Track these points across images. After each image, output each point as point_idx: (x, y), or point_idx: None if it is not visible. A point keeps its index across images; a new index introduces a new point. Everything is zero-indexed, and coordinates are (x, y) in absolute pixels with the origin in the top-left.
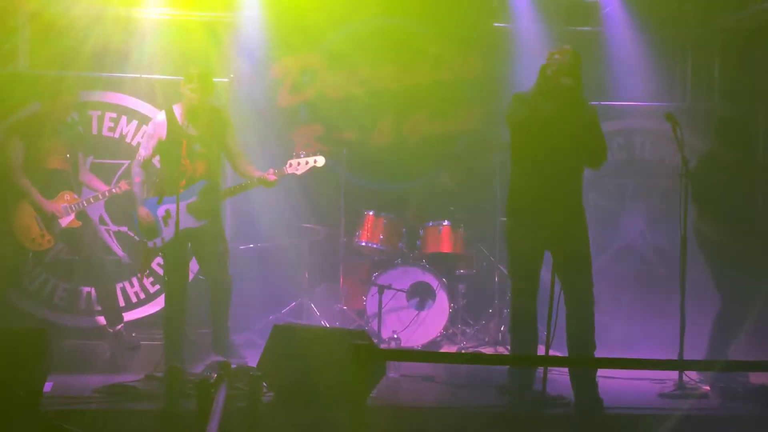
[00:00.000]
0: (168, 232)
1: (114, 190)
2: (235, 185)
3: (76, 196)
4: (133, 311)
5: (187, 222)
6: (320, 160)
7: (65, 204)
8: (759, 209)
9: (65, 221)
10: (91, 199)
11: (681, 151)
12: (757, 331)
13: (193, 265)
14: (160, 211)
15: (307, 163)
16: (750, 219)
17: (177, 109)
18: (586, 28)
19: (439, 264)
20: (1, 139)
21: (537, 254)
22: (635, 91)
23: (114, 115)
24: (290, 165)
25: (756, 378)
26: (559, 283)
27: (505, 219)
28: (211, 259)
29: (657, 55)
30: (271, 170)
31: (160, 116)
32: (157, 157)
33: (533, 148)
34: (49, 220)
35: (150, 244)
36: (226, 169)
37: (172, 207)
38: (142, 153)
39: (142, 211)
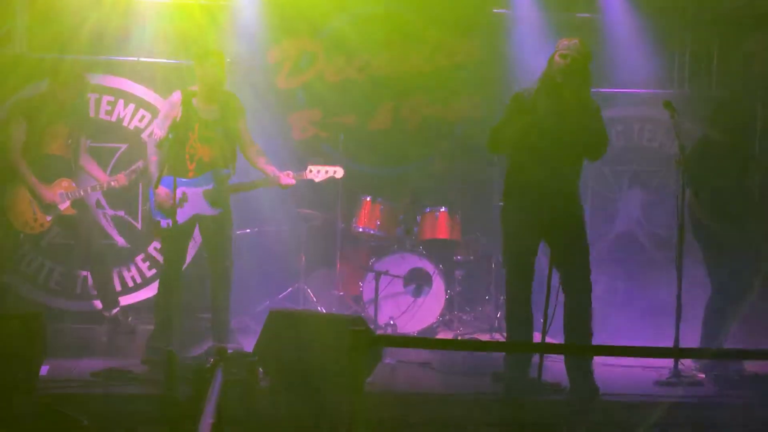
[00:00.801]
0: (182, 215)
1: (113, 184)
2: (252, 181)
3: (73, 184)
4: (130, 295)
5: (203, 208)
6: (339, 172)
7: (62, 191)
8: (753, 194)
9: (62, 206)
10: (89, 189)
11: (678, 138)
12: (750, 319)
13: (190, 250)
14: (177, 193)
15: (327, 172)
16: (744, 204)
17: (193, 91)
18: (584, 15)
19: (436, 250)
20: (3, 118)
21: (533, 242)
22: (634, 78)
23: (111, 98)
24: (310, 171)
25: (751, 366)
26: (556, 271)
27: (501, 206)
28: (219, 247)
29: (655, 42)
30: (290, 173)
31: (176, 96)
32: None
33: (533, 138)
34: (44, 205)
35: (164, 224)
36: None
37: (188, 190)
38: (157, 133)
39: (162, 190)
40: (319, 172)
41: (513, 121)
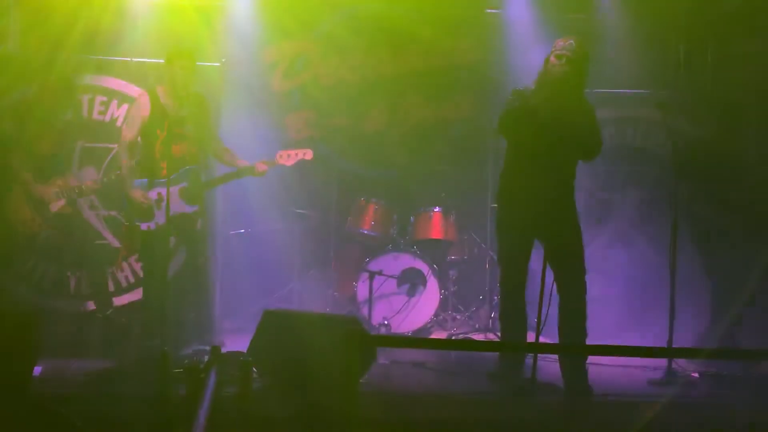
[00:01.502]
0: (161, 216)
1: (104, 180)
2: (225, 174)
3: (68, 182)
4: (123, 296)
5: (180, 207)
6: (309, 154)
7: (57, 189)
8: (748, 189)
9: (55, 206)
10: (83, 188)
11: (671, 139)
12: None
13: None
14: (152, 194)
15: (297, 155)
16: (740, 199)
17: (160, 90)
18: (579, 15)
19: (431, 250)
20: None
21: (526, 242)
22: (629, 79)
23: (104, 98)
24: (280, 156)
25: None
26: (550, 270)
27: (495, 206)
28: (195, 243)
29: (650, 42)
30: (262, 161)
31: (143, 97)
32: (140, 139)
33: (527, 138)
34: (39, 204)
35: (144, 227)
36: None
37: (162, 190)
38: (127, 135)
39: (137, 193)
40: (289, 156)
41: (513, 110)
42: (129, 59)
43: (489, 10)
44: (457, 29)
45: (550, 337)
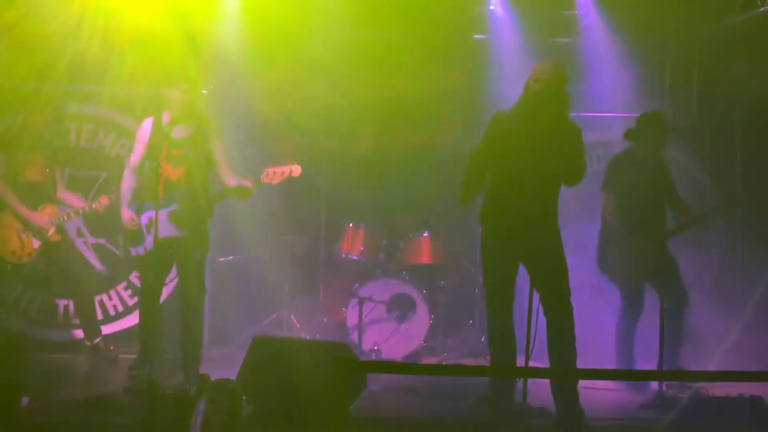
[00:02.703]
0: (150, 241)
1: (94, 206)
2: (212, 194)
3: (57, 210)
4: (112, 324)
5: (169, 231)
6: (296, 170)
7: (48, 217)
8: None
9: (50, 234)
10: (72, 214)
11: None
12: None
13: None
14: (143, 219)
15: (283, 173)
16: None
17: (165, 115)
18: (564, 40)
19: (420, 275)
20: None
21: (511, 267)
22: (614, 102)
23: (92, 126)
24: (266, 174)
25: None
26: (537, 294)
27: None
28: (188, 273)
29: (635, 65)
30: (248, 181)
31: (147, 121)
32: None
33: (510, 162)
34: (36, 232)
35: (133, 252)
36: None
37: (152, 214)
38: (132, 158)
39: (126, 214)
40: (275, 174)
41: (490, 143)
42: (116, 88)
43: (476, 36)
44: (445, 55)
45: (541, 361)
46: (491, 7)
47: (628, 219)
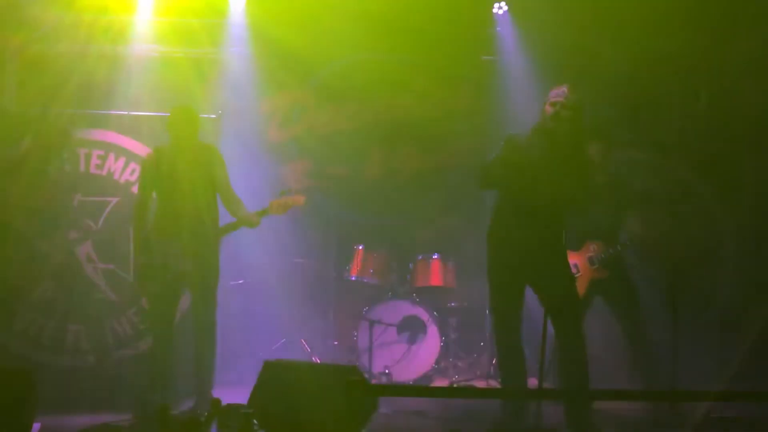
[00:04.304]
0: (166, 275)
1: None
2: (222, 226)
3: (66, 235)
4: (123, 350)
5: (179, 263)
6: (300, 200)
7: (56, 242)
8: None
9: (55, 260)
10: (80, 237)
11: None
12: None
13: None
14: (157, 253)
15: (287, 204)
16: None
17: (166, 147)
18: (574, 60)
19: (430, 297)
20: None
21: (517, 291)
22: (623, 120)
23: (101, 152)
24: (272, 207)
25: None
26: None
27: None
28: (200, 301)
29: (645, 83)
30: (255, 213)
31: (148, 155)
32: (153, 195)
33: (521, 183)
34: (39, 258)
35: (142, 284)
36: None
37: (166, 247)
38: (136, 193)
39: (139, 254)
40: (280, 206)
41: (504, 159)
42: (126, 113)
43: (484, 58)
44: (452, 76)
45: (553, 381)
46: (498, 29)
47: None
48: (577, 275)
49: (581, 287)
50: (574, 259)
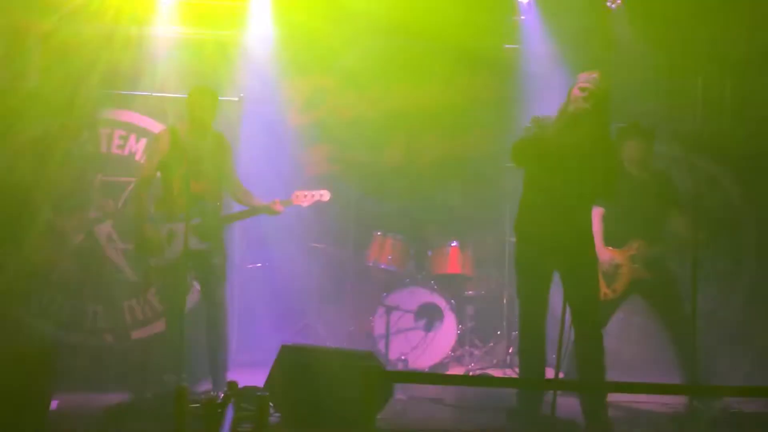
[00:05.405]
0: (171, 252)
1: (123, 210)
2: (240, 211)
3: (86, 215)
4: (141, 329)
5: (192, 243)
6: (326, 195)
7: (76, 222)
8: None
9: (76, 239)
10: (101, 217)
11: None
12: None
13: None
14: (163, 230)
15: (313, 196)
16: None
17: (181, 127)
18: (597, 49)
19: (448, 285)
20: (15, 158)
21: (545, 276)
22: (647, 112)
23: (123, 132)
24: (296, 197)
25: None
26: (568, 306)
27: (513, 239)
28: (211, 283)
29: (669, 75)
30: (277, 200)
31: (163, 133)
32: (159, 174)
33: (542, 168)
34: (60, 238)
35: (152, 262)
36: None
37: (174, 226)
38: (145, 170)
39: (148, 228)
40: (306, 197)
41: (534, 137)
42: (149, 94)
43: (507, 46)
44: (475, 64)
45: (570, 373)
46: (522, 17)
47: None
48: (618, 272)
49: (621, 285)
50: (616, 256)
